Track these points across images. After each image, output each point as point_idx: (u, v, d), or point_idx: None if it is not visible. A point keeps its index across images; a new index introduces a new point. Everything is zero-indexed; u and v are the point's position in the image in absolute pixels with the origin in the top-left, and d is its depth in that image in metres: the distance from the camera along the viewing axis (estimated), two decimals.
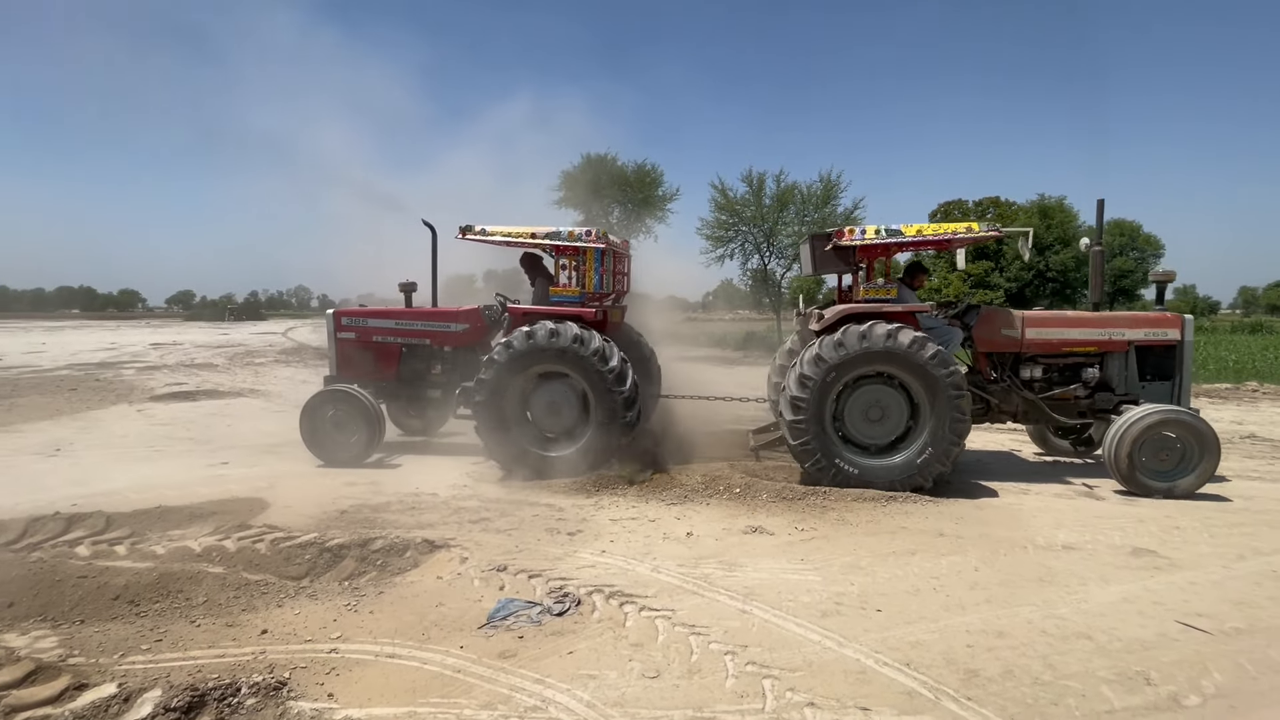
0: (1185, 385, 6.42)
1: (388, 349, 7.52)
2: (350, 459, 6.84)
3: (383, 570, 4.22)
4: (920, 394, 5.78)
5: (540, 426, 6.48)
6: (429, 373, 7.55)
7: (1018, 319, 6.45)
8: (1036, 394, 6.50)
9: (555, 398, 6.36)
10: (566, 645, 3.21)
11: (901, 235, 6.00)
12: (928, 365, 5.63)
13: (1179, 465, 5.77)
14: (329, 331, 7.57)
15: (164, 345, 25.47)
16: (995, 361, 6.60)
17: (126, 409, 10.58)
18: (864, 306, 6.03)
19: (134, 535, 4.59)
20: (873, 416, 5.89)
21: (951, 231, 6.04)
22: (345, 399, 6.93)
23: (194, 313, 70.47)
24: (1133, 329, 6.43)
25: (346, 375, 7.49)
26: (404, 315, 7.52)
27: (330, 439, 6.92)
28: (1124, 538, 4.76)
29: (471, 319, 7.39)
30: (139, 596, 3.66)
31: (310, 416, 6.92)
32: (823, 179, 24.54)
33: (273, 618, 3.49)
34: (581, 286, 6.61)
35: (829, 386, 5.79)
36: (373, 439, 6.90)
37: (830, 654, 3.13)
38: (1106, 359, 6.48)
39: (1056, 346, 6.45)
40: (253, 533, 4.63)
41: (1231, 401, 12.01)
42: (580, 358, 6.13)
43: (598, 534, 4.77)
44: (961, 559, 4.32)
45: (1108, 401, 6.40)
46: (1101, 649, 3.19)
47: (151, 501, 5.31)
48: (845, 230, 6.12)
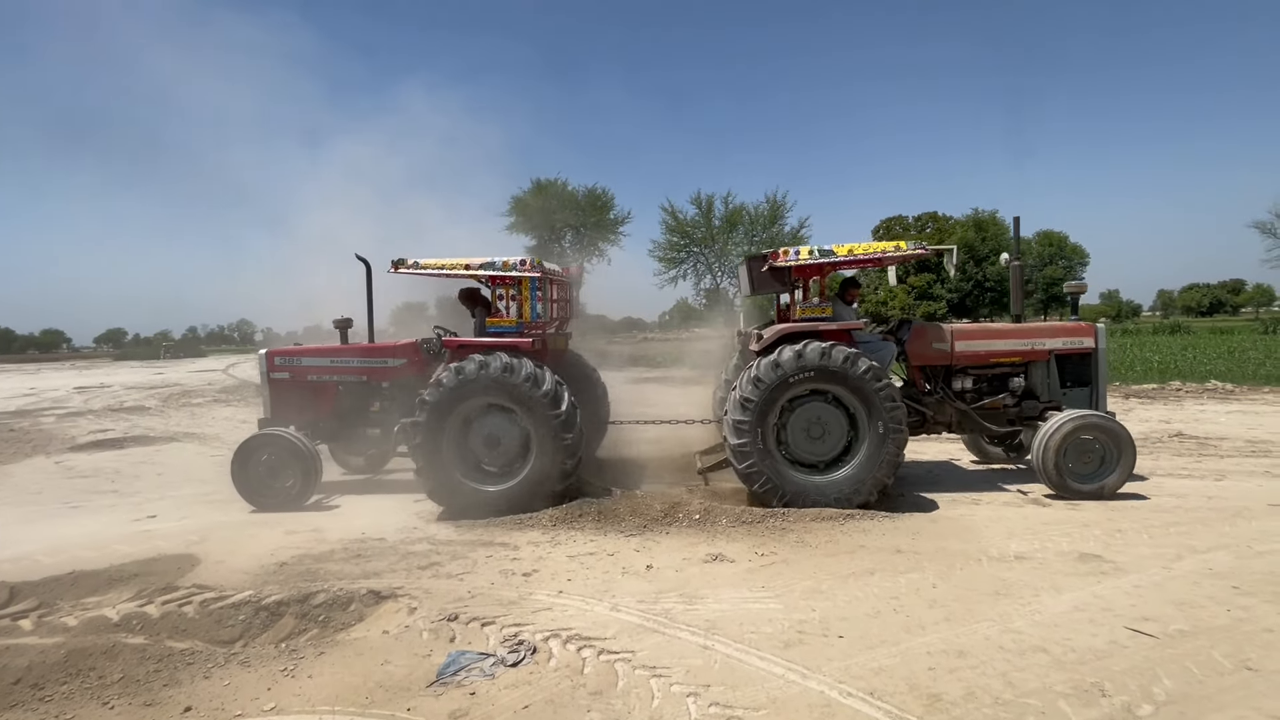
0: (1102, 390, 6.78)
1: (323, 388, 7.23)
2: (286, 504, 6.52)
3: (325, 627, 3.96)
4: (858, 409, 5.91)
5: (481, 461, 6.31)
6: (367, 410, 7.29)
7: (948, 333, 6.72)
8: (968, 404, 6.74)
9: (493, 430, 6.22)
10: (522, 698, 3.04)
11: (834, 255, 6.17)
12: (862, 380, 5.77)
13: (1101, 467, 6.08)
14: (261, 372, 7.24)
15: (90, 389, 23.90)
16: (928, 374, 6.83)
17: (43, 461, 9.81)
18: (800, 326, 6.17)
19: (42, 606, 4.18)
20: (814, 434, 5.99)
21: (881, 250, 6.26)
22: (278, 442, 6.61)
23: (125, 351, 66.66)
24: (1052, 339, 6.77)
25: (281, 417, 7.16)
26: (339, 352, 7.25)
27: (264, 485, 6.59)
28: (1071, 544, 4.89)
29: (409, 353, 7.18)
30: (44, 678, 3.31)
31: (242, 463, 6.57)
32: (769, 200, 25.26)
33: (198, 691, 3.21)
34: (519, 316, 6.54)
35: (769, 407, 5.87)
36: (309, 482, 6.59)
37: (794, 688, 3.06)
38: (1030, 368, 6.80)
39: (984, 358, 6.74)
40: (180, 595, 4.29)
41: (1158, 401, 12.69)
42: (512, 386, 6.02)
43: (554, 573, 4.61)
44: (919, 576, 4.34)
45: (1034, 409, 6.69)
46: (1058, 662, 3.22)
47: (65, 565, 4.88)
48: (780, 251, 6.26)
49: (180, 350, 58.17)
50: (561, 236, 29.32)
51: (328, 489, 7.16)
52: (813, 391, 5.96)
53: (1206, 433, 9.27)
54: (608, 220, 29.89)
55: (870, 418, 5.82)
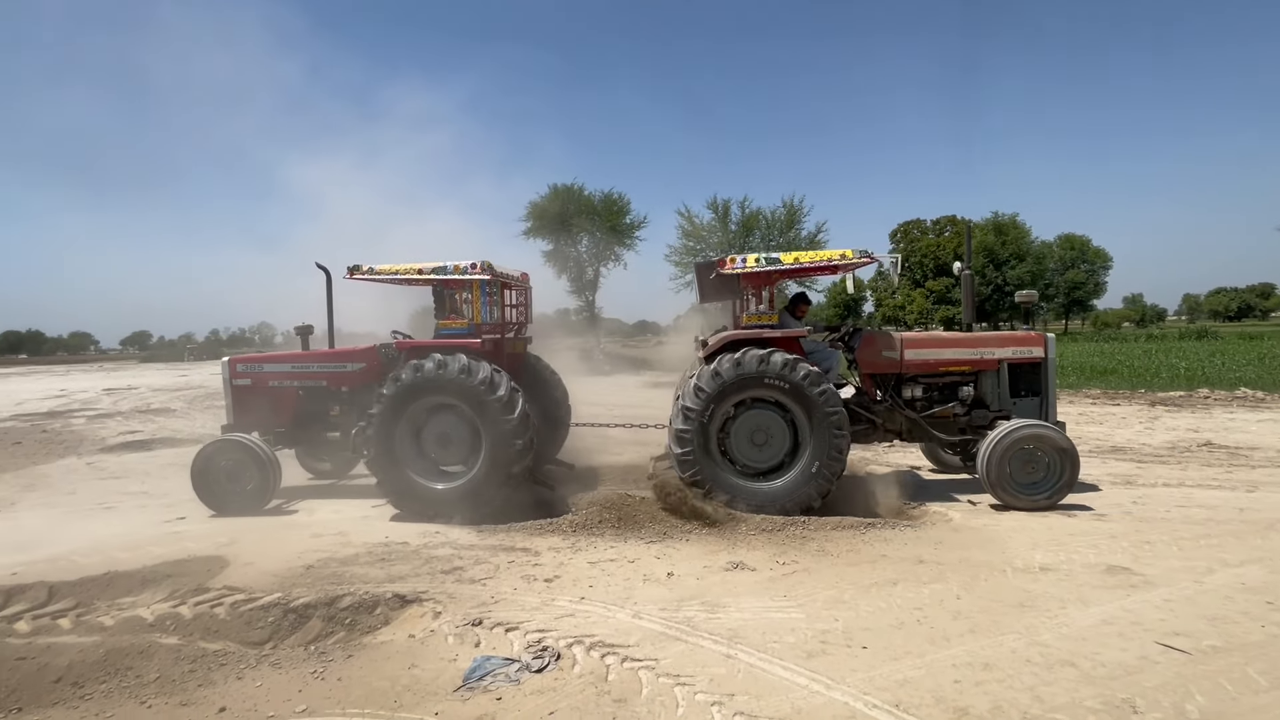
0: (1051, 399, 6.73)
1: (284, 393, 7.35)
2: (245, 508, 6.68)
3: (351, 630, 4.02)
4: (799, 415, 5.96)
5: (433, 460, 6.46)
6: (327, 414, 7.41)
7: (897, 341, 6.73)
8: (918, 412, 6.71)
9: (445, 430, 6.37)
10: (547, 705, 3.08)
11: (780, 263, 6.21)
12: (801, 386, 5.82)
13: (1045, 477, 6.07)
14: (224, 379, 7.39)
15: (118, 390, 24.45)
16: (879, 382, 6.82)
17: (75, 462, 10.07)
18: (745, 333, 6.21)
19: (80, 606, 4.30)
20: (757, 441, 6.05)
21: (826, 259, 6.29)
22: (236, 448, 6.78)
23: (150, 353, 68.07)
24: (1001, 348, 6.74)
25: (244, 423, 7.31)
26: (299, 359, 7.39)
27: (223, 489, 6.76)
28: (1098, 555, 4.82)
29: (368, 358, 7.29)
30: (83, 677, 3.41)
31: (202, 468, 6.74)
32: (786, 204, 25.15)
33: (232, 692, 3.28)
34: (470, 318, 6.65)
35: (711, 415, 5.94)
36: (266, 486, 6.74)
37: (818, 698, 3.06)
38: (980, 377, 6.76)
39: (934, 366, 6.71)
40: (211, 596, 4.38)
41: (1185, 409, 12.44)
42: (468, 388, 6.12)
43: (576, 579, 4.64)
44: (943, 587, 4.31)
45: (983, 418, 6.65)
46: (1086, 676, 3.18)
47: (100, 566, 5.00)
48: (727, 259, 6.30)
49: (203, 352, 59.31)
50: (578, 241, 29.48)
51: (295, 493, 7.35)
52: (755, 399, 6.02)
53: (1237, 442, 9.08)
54: (624, 225, 29.99)
55: (811, 423, 5.89)
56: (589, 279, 31.55)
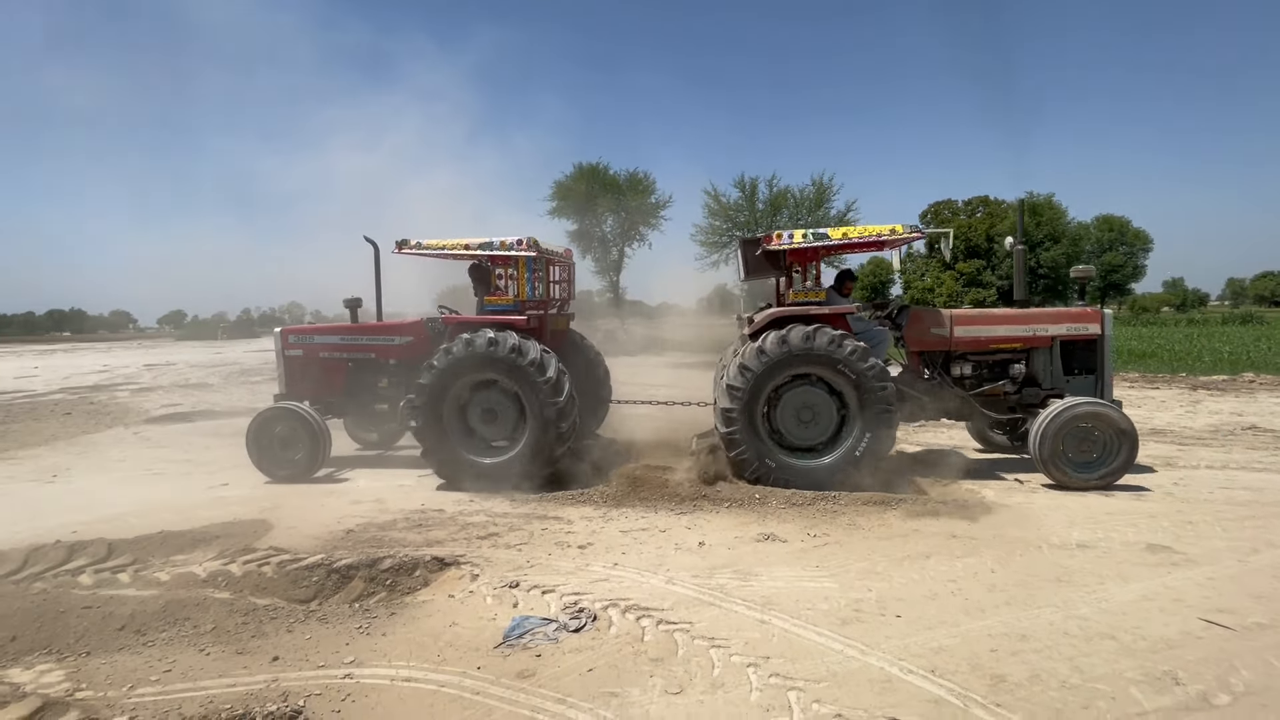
0: (1107, 378, 6.53)
1: (334, 365, 7.50)
2: (295, 475, 6.88)
3: (392, 590, 4.16)
4: (847, 392, 5.85)
5: (477, 434, 6.53)
6: (376, 386, 7.54)
7: (946, 318, 6.57)
8: (967, 391, 6.56)
9: (491, 406, 6.43)
10: (586, 662, 3.15)
11: (828, 239, 6.08)
12: (849, 363, 5.71)
13: (1101, 457, 5.88)
14: (276, 350, 7.59)
15: (157, 366, 25.26)
16: (927, 360, 6.68)
17: (122, 432, 10.46)
18: (792, 310, 6.11)
19: (137, 562, 4.50)
20: (804, 419, 5.98)
21: (876, 234, 6.11)
22: (290, 416, 6.96)
23: (186, 332, 69.96)
24: (1055, 325, 6.54)
25: (296, 392, 7.49)
26: (349, 330, 7.53)
27: (275, 456, 6.97)
28: (1137, 534, 4.75)
29: (415, 331, 7.38)
30: (145, 625, 3.58)
31: (256, 434, 6.95)
32: (815, 182, 24.72)
33: (283, 643, 3.42)
34: (516, 295, 6.66)
35: (757, 394, 5.87)
36: (317, 455, 6.92)
37: (854, 663, 3.09)
38: (1032, 354, 6.59)
39: (984, 344, 6.56)
40: (258, 555, 4.55)
41: (1229, 393, 12.06)
42: (517, 367, 6.15)
43: (609, 546, 4.71)
44: (977, 561, 4.29)
45: (1035, 396, 6.49)
46: (1127, 649, 3.15)
47: (153, 526, 5.23)
48: (774, 235, 6.18)
49: (235, 331, 60.73)
50: (603, 220, 29.40)
51: (343, 464, 7.52)
52: (802, 376, 5.94)
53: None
54: (648, 204, 29.80)
55: (859, 400, 5.79)
56: (614, 259, 31.52)
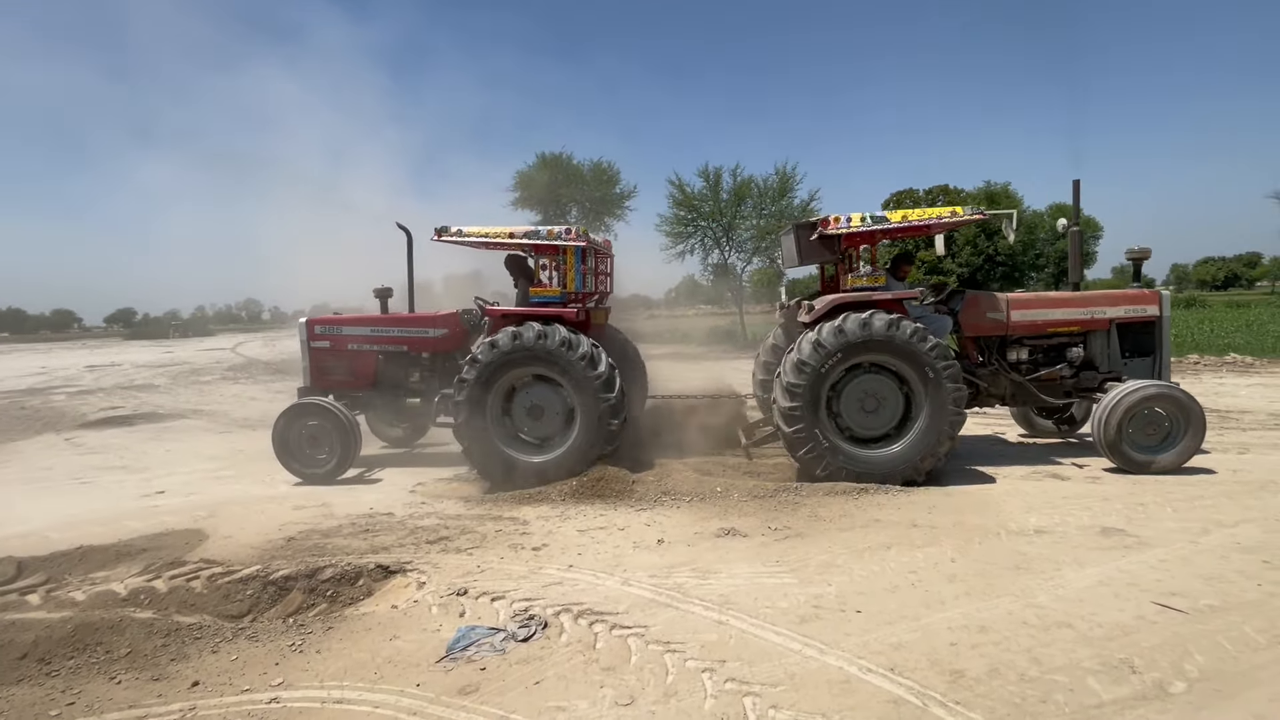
0: (1165, 360, 6.54)
1: (364, 357, 7.13)
2: (326, 476, 6.52)
3: (333, 602, 3.92)
4: (910, 377, 5.68)
5: (522, 431, 6.20)
6: (407, 380, 7.19)
7: (1003, 302, 6.48)
8: (1024, 376, 6.52)
9: (538, 402, 6.10)
10: (533, 674, 2.98)
11: (887, 222, 5.91)
12: (910, 346, 5.57)
13: (1165, 440, 5.86)
14: (301, 341, 7.16)
15: (100, 367, 24.02)
16: (982, 346, 6.62)
17: (53, 438, 9.84)
18: (852, 296, 5.93)
19: (50, 581, 4.16)
20: (868, 408, 5.79)
21: (936, 216, 5.96)
22: (319, 412, 6.58)
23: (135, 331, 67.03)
24: (1113, 307, 6.52)
25: (321, 386, 7.12)
26: (380, 321, 7.14)
27: (304, 454, 6.60)
28: (1092, 517, 4.78)
29: (450, 324, 7.07)
30: (50, 653, 3.28)
31: (283, 431, 6.55)
32: (778, 171, 24.71)
33: (206, 666, 3.17)
34: (563, 286, 6.37)
35: (818, 388, 5.66)
36: (348, 454, 6.56)
37: (812, 663, 2.98)
38: (1089, 338, 6.56)
39: (1041, 328, 6.51)
40: (187, 570, 4.25)
41: (1175, 374, 12.41)
42: (568, 362, 5.88)
43: (564, 547, 4.54)
44: (937, 550, 4.25)
45: (1092, 380, 6.47)
46: (1084, 637, 3.12)
47: (73, 541, 4.85)
48: (831, 219, 5.99)
49: (188, 329, 58.46)
50: (567, 211, 28.92)
51: (364, 462, 7.16)
52: (864, 364, 5.76)
53: (1227, 406, 9.10)
54: (613, 195, 29.42)
55: (924, 384, 5.61)
56: None
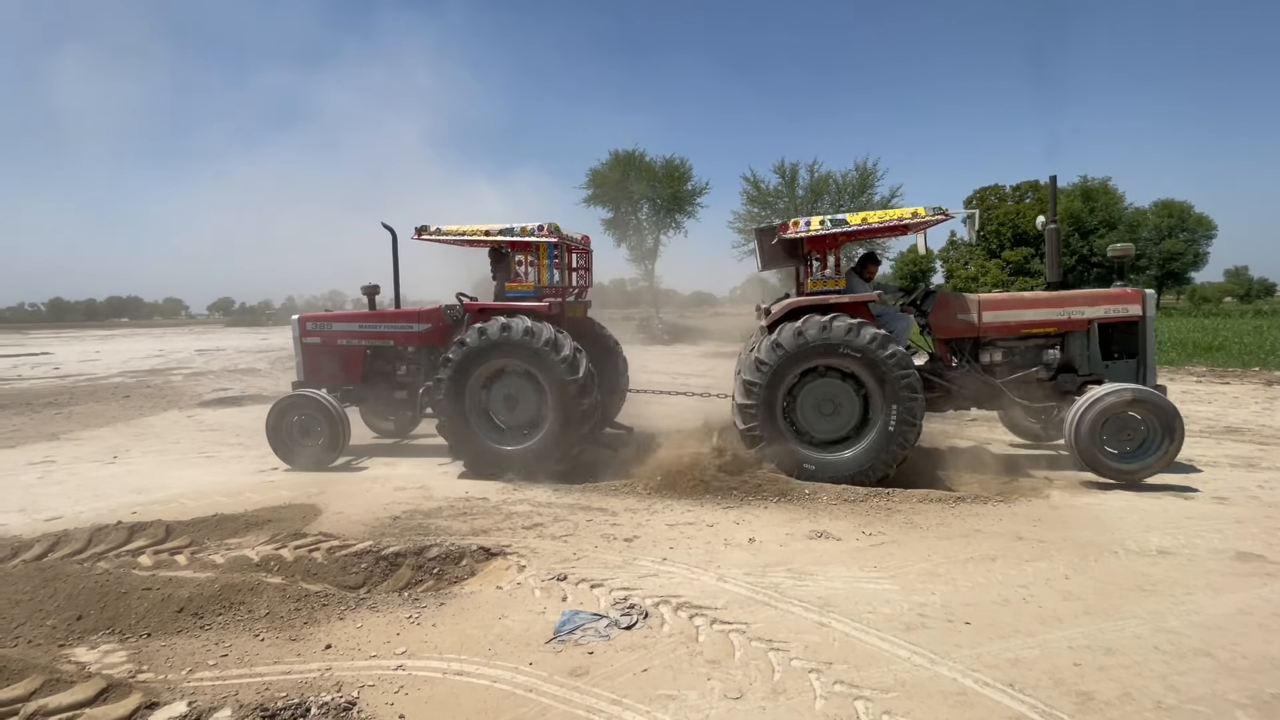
0: (1150, 362, 6.13)
1: (352, 352, 7.51)
2: (315, 463, 6.91)
3: (440, 579, 4.13)
4: (868, 381, 5.65)
5: (500, 421, 6.52)
6: (394, 374, 7.54)
7: (973, 303, 6.25)
8: (998, 378, 6.22)
9: (512, 392, 6.42)
10: (639, 662, 3.05)
11: (847, 225, 5.81)
12: (868, 351, 5.51)
13: (1141, 447, 5.55)
14: (294, 337, 7.62)
15: (208, 351, 26.19)
16: (954, 347, 6.37)
17: (177, 415, 10.82)
18: (810, 299, 5.89)
19: (193, 544, 4.59)
20: (825, 411, 5.81)
21: (897, 218, 5.81)
22: (309, 404, 7.00)
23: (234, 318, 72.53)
24: (1092, 307, 6.17)
25: (314, 380, 7.54)
26: (366, 318, 7.52)
27: (294, 442, 7.03)
28: (1224, 540, 4.42)
29: (433, 318, 7.33)
30: (203, 609, 3.62)
31: (275, 421, 7.01)
32: (858, 167, 24.03)
33: (336, 631, 3.42)
34: (536, 281, 6.60)
35: (774, 389, 5.74)
36: (336, 442, 6.95)
37: (923, 672, 2.91)
38: (1067, 339, 6.23)
39: (1015, 329, 6.23)
40: (308, 541, 4.59)
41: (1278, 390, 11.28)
42: (533, 350, 6.13)
43: (655, 540, 4.61)
44: (1048, 565, 4.04)
45: (1071, 383, 6.14)
46: (1227, 668, 2.90)
47: (208, 509, 5.34)
48: (790, 223, 5.95)
49: (282, 317, 62.65)
50: (638, 208, 29.14)
51: (357, 451, 7.55)
52: (821, 368, 5.75)
53: None
54: (685, 191, 29.40)
55: (882, 389, 5.58)
56: (649, 247, 31.28)
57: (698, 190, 29.61)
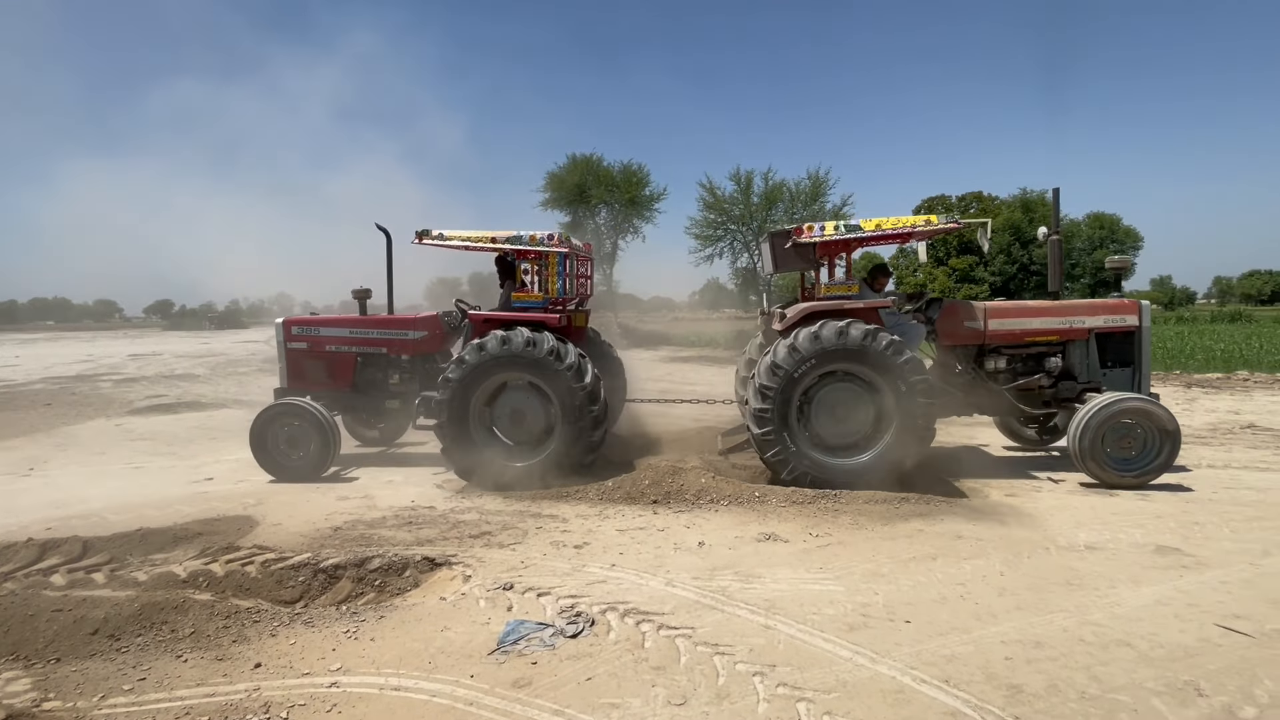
0: (1145, 371, 6.44)
1: (342, 359, 7.19)
2: (303, 474, 6.54)
3: (381, 591, 4.00)
4: (883, 386, 5.70)
5: (502, 435, 6.29)
6: (387, 382, 7.24)
7: (980, 311, 6.44)
8: (1002, 385, 6.45)
9: (520, 407, 6.18)
10: (584, 670, 3.01)
11: (860, 230, 5.93)
12: (883, 357, 5.58)
13: (1142, 453, 5.77)
14: (278, 341, 7.24)
15: (143, 356, 24.84)
16: (960, 355, 6.56)
17: (104, 424, 10.21)
18: (824, 304, 5.96)
19: (114, 561, 4.32)
20: (839, 416, 5.83)
21: (910, 225, 5.97)
22: (297, 412, 6.61)
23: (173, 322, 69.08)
24: (1092, 316, 6.43)
25: (298, 387, 7.17)
26: (359, 323, 7.20)
27: (282, 454, 6.62)
28: (1145, 535, 4.66)
29: (430, 326, 7.13)
30: (120, 630, 3.40)
31: (260, 431, 6.58)
32: (811, 176, 24.59)
33: (266, 649, 3.26)
34: (545, 291, 6.45)
35: (790, 393, 5.71)
36: (326, 454, 6.59)
37: (864, 672, 2.96)
38: (1068, 347, 6.48)
39: (1019, 337, 6.44)
40: (242, 554, 4.38)
41: (1225, 391, 12.06)
42: (554, 371, 5.94)
43: (606, 546, 4.57)
44: (985, 563, 4.18)
45: (1071, 390, 6.38)
46: (1145, 657, 3.05)
47: (132, 523, 5.04)
48: (804, 227, 6.01)
49: (224, 321, 60.01)
50: (596, 213, 29.12)
51: (341, 461, 7.25)
52: (836, 372, 5.78)
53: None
54: (642, 197, 29.54)
55: (895, 394, 5.63)
56: (607, 252, 31.28)
57: (655, 196, 29.81)
